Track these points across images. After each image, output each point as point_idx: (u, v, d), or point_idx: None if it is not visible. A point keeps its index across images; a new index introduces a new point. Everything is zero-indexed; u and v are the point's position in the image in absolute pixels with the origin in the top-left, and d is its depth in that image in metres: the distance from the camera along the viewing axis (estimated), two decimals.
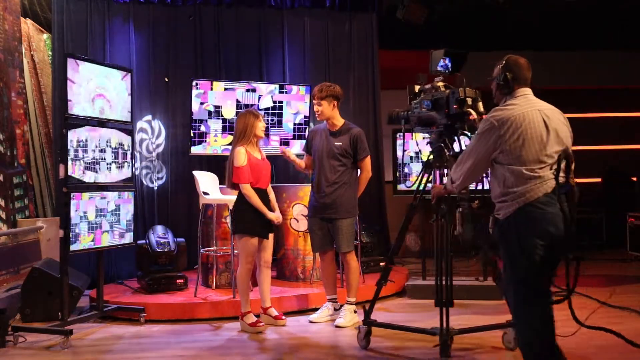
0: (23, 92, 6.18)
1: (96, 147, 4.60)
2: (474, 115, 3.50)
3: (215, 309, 4.89)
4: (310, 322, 4.73)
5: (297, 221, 5.64)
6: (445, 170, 3.80)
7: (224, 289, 5.34)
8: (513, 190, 2.80)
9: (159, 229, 5.62)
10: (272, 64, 6.87)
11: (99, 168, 4.63)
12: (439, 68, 3.97)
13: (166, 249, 5.40)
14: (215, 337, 4.44)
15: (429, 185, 3.91)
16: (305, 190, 5.70)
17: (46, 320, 4.59)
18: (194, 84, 5.91)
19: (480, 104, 3.57)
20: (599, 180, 8.93)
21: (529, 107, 2.87)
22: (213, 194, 5.38)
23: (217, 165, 6.16)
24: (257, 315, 4.60)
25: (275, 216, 4.56)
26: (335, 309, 4.81)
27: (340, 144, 4.67)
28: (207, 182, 5.43)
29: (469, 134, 3.74)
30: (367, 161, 4.76)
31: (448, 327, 3.61)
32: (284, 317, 4.67)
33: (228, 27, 6.71)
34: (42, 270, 4.81)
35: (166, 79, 6.51)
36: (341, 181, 4.66)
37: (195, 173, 5.41)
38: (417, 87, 4.09)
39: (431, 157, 3.90)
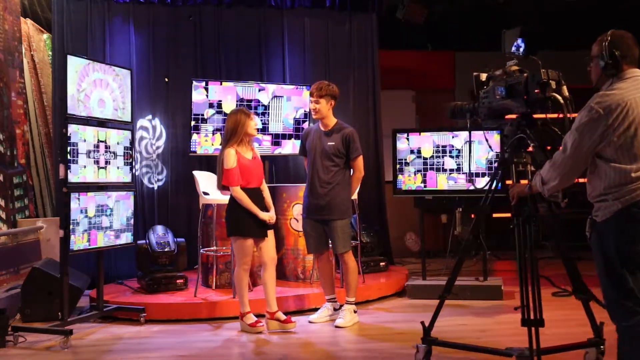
0: (23, 92, 6.18)
1: (95, 147, 4.61)
2: (559, 99, 3.01)
3: (215, 309, 4.89)
4: (310, 322, 4.73)
5: (297, 221, 5.63)
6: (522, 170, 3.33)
7: (224, 289, 5.34)
8: (616, 188, 2.47)
9: (159, 229, 5.62)
10: (272, 64, 6.87)
11: (99, 168, 4.63)
12: (512, 50, 3.44)
13: (166, 249, 5.40)
14: (215, 337, 4.44)
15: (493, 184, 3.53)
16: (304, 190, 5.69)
17: (46, 320, 4.59)
18: (200, 83, 5.91)
19: (565, 88, 3.07)
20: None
21: (638, 92, 2.49)
22: (213, 194, 5.37)
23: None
24: (258, 316, 4.59)
25: (268, 216, 4.49)
26: (335, 309, 4.81)
27: (333, 143, 4.66)
28: (207, 182, 5.43)
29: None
30: (360, 161, 4.74)
31: (539, 348, 3.06)
32: (293, 319, 4.54)
33: (228, 27, 6.71)
34: (42, 270, 4.81)
35: (166, 79, 6.50)
36: (335, 182, 4.64)
37: (195, 173, 5.41)
38: (484, 75, 3.62)
39: (506, 152, 3.40)
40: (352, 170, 4.76)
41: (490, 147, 5.30)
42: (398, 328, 4.54)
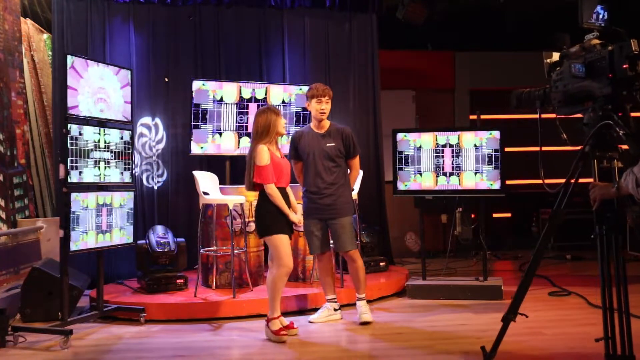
0: (23, 92, 6.18)
1: (99, 146, 4.61)
2: None
3: (215, 309, 4.89)
4: (310, 322, 4.73)
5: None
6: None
7: (224, 289, 5.34)
8: None
9: (159, 229, 5.62)
10: (272, 64, 6.87)
11: (99, 168, 4.63)
12: (592, 20, 2.83)
13: (166, 249, 5.40)
14: (215, 337, 4.44)
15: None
16: None
17: (46, 320, 4.59)
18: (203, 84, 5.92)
19: None
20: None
21: None
22: (213, 194, 5.38)
23: (217, 165, 6.16)
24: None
25: (298, 218, 4.43)
26: (334, 309, 4.81)
27: (334, 144, 4.67)
28: (207, 182, 5.43)
29: None
30: (358, 159, 4.81)
31: None
32: (295, 325, 4.44)
33: (228, 27, 6.71)
34: (42, 270, 4.81)
35: (166, 79, 6.51)
36: (339, 182, 4.67)
37: (195, 173, 5.41)
38: (556, 54, 2.98)
39: (587, 145, 2.84)
40: (349, 168, 4.78)
41: (566, 140, 5.09)
42: (398, 328, 4.54)
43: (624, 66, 2.52)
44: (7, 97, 5.75)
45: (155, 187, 6.47)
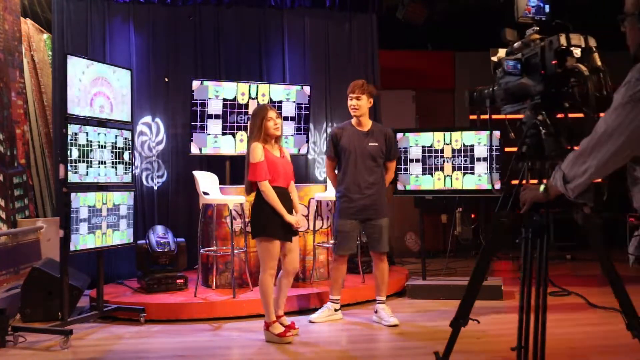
0: (23, 92, 6.18)
1: (100, 146, 4.61)
2: (583, 71, 2.27)
3: (215, 309, 4.89)
4: (310, 322, 4.73)
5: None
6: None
7: (224, 289, 5.34)
8: None
9: (159, 229, 5.62)
10: (272, 64, 6.88)
11: (99, 168, 4.63)
12: (529, 14, 2.68)
13: (166, 249, 5.40)
14: (215, 337, 4.44)
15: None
16: (305, 190, 5.70)
17: (46, 320, 4.58)
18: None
19: (597, 56, 2.34)
20: (598, 180, 8.91)
21: None
22: (213, 194, 5.38)
23: (217, 165, 6.16)
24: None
25: (294, 220, 4.23)
26: (335, 310, 4.81)
27: (376, 144, 4.62)
28: (207, 182, 5.43)
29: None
30: (395, 162, 4.84)
31: None
32: (297, 326, 4.41)
33: (228, 27, 6.71)
34: (42, 270, 4.81)
35: (166, 79, 6.51)
36: (379, 182, 4.65)
37: (195, 173, 5.41)
38: (502, 51, 2.88)
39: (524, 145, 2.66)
40: (385, 169, 4.75)
41: (515, 138, 5.03)
42: (398, 328, 4.54)
43: (553, 62, 2.40)
44: (7, 97, 5.75)
45: (155, 187, 6.47)
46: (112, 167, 4.79)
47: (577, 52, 2.34)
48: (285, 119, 6.27)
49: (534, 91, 2.55)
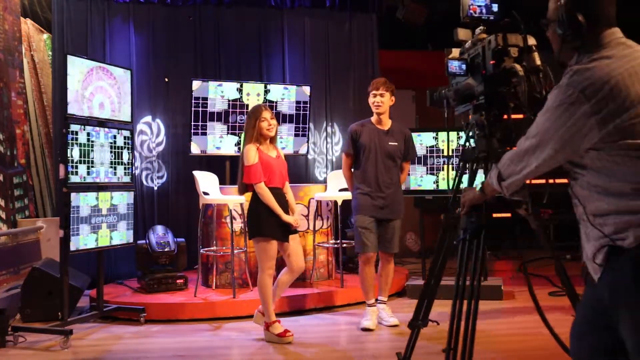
0: (23, 92, 6.18)
1: (100, 146, 4.61)
2: (518, 71, 2.25)
3: (215, 309, 4.89)
4: (364, 329, 4.49)
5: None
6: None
7: (224, 289, 5.34)
8: None
9: (159, 229, 5.62)
10: (272, 64, 6.88)
11: (99, 168, 4.64)
12: (475, 13, 2.63)
13: (166, 249, 5.40)
14: (215, 337, 4.44)
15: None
16: (305, 190, 5.70)
17: (46, 320, 4.58)
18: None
19: (536, 56, 2.31)
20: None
21: (630, 60, 1.75)
22: (213, 194, 5.38)
23: (217, 165, 6.16)
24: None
25: (292, 219, 4.25)
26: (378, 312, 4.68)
27: (396, 144, 4.58)
28: (207, 182, 5.43)
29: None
30: (409, 162, 4.84)
31: None
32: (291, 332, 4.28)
33: (228, 27, 6.72)
34: (42, 270, 4.81)
35: (166, 79, 6.51)
36: (395, 182, 4.60)
37: (195, 173, 5.41)
38: (455, 51, 2.87)
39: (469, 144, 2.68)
40: (401, 169, 4.71)
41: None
42: (398, 328, 4.53)
43: (491, 62, 2.40)
44: (7, 97, 5.75)
45: (155, 187, 6.47)
46: (112, 167, 4.79)
47: (514, 51, 2.33)
48: (284, 119, 6.28)
49: (477, 91, 2.55)
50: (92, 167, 4.58)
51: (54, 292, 4.69)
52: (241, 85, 6.12)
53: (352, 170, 4.68)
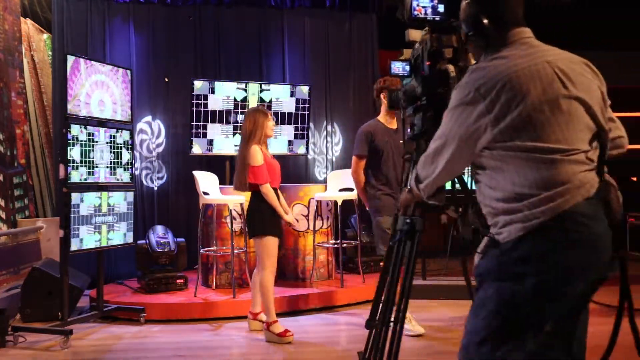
0: (23, 92, 6.18)
1: (100, 146, 4.61)
2: (452, 72, 2.28)
3: (216, 309, 4.89)
4: (411, 335, 4.37)
5: (297, 221, 5.63)
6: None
7: (224, 289, 5.34)
8: (532, 193, 1.67)
9: (159, 229, 5.62)
10: (272, 64, 6.88)
11: (99, 168, 4.64)
12: (414, 12, 2.60)
13: (166, 249, 5.40)
14: (215, 337, 4.44)
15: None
16: (305, 190, 5.70)
17: (46, 320, 4.58)
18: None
19: (471, 56, 2.31)
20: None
21: (529, 60, 1.76)
22: (213, 194, 5.38)
23: (217, 165, 6.17)
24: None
25: (291, 218, 4.38)
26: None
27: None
28: (207, 182, 5.43)
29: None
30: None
31: None
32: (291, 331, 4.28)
33: (228, 27, 6.72)
34: (42, 270, 4.81)
35: (166, 79, 6.51)
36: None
37: (195, 173, 5.41)
38: (407, 52, 2.84)
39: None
40: None
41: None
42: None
43: (427, 63, 2.41)
44: (7, 97, 5.75)
45: (155, 187, 6.47)
46: (112, 167, 4.79)
47: (448, 52, 2.34)
48: (282, 119, 6.29)
49: (417, 92, 2.55)
50: (92, 167, 4.57)
51: (54, 292, 4.69)
52: (246, 86, 6.12)
53: (367, 171, 4.56)
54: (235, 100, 6.07)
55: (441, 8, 2.58)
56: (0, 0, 5.70)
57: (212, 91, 5.99)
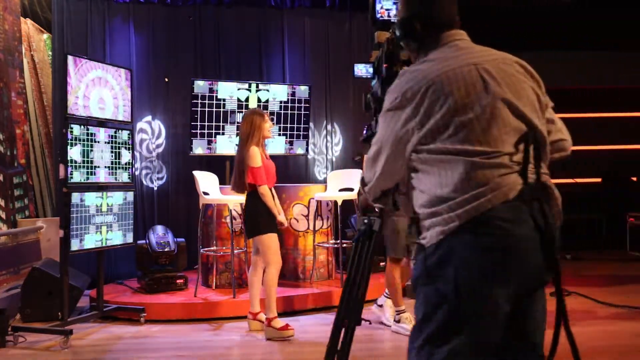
0: (23, 92, 6.18)
1: (99, 146, 4.61)
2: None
3: (215, 309, 4.89)
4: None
5: (297, 221, 5.64)
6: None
7: (224, 289, 5.34)
8: (451, 196, 1.66)
9: (159, 229, 5.62)
10: (272, 64, 6.88)
11: (99, 168, 4.63)
12: (377, 14, 2.62)
13: (166, 249, 5.40)
14: (215, 337, 4.44)
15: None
16: (305, 190, 5.70)
17: (46, 320, 4.58)
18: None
19: None
20: (598, 180, 8.94)
21: (455, 62, 1.75)
22: (213, 194, 5.38)
23: (217, 165, 6.16)
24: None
25: (283, 219, 4.44)
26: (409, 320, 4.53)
27: None
28: (207, 182, 5.43)
29: None
30: None
31: None
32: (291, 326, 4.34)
33: (228, 27, 6.72)
34: (42, 270, 4.81)
35: (166, 79, 6.51)
36: None
37: (195, 173, 5.41)
38: (375, 54, 2.79)
39: None
40: None
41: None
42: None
43: (385, 65, 2.42)
44: (7, 97, 5.75)
45: (155, 187, 6.47)
46: (112, 167, 4.78)
47: (404, 55, 2.34)
48: (282, 119, 6.29)
49: (378, 94, 2.54)
50: (92, 167, 4.57)
51: (54, 292, 4.69)
52: (249, 86, 6.13)
53: None
54: (239, 100, 6.07)
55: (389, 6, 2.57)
56: (1, 0, 5.70)
57: (213, 91, 5.99)
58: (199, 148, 6.01)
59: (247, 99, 6.11)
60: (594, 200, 8.33)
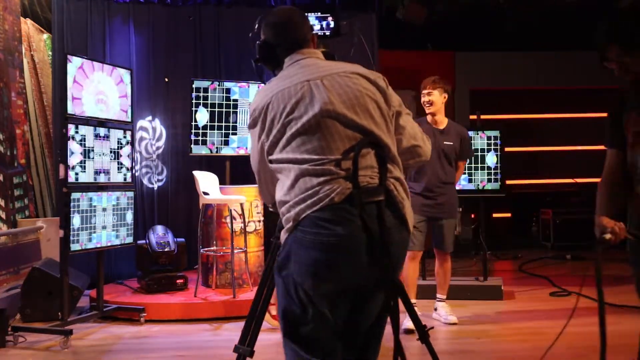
0: (23, 92, 6.18)
1: (100, 146, 4.61)
2: None
3: (215, 309, 4.89)
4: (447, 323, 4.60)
5: None
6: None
7: (224, 289, 5.34)
8: (286, 199, 1.89)
9: (159, 229, 5.62)
10: None
11: (99, 168, 4.64)
12: (318, 31, 2.54)
13: (166, 249, 5.40)
14: (215, 337, 4.44)
15: None
16: None
17: (46, 320, 4.58)
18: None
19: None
20: (598, 180, 8.92)
21: (291, 81, 1.94)
22: (213, 194, 5.37)
23: (217, 165, 6.16)
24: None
25: None
26: None
27: (452, 143, 4.54)
28: (207, 182, 5.43)
29: None
30: (466, 161, 4.85)
31: None
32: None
33: (228, 27, 6.71)
34: (42, 270, 4.81)
35: (166, 79, 6.51)
36: (451, 181, 4.57)
37: (195, 173, 5.41)
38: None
39: None
40: (456, 168, 4.67)
41: None
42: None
43: None
44: (7, 97, 5.75)
45: (155, 187, 6.47)
46: (112, 168, 4.78)
47: None
48: None
49: None
50: (92, 167, 4.57)
51: (54, 292, 4.69)
52: (249, 86, 6.12)
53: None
54: (239, 100, 6.06)
55: (332, 24, 2.54)
56: (1, 0, 5.70)
57: (212, 91, 5.98)
58: (199, 148, 6.00)
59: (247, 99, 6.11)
60: (594, 200, 8.30)
